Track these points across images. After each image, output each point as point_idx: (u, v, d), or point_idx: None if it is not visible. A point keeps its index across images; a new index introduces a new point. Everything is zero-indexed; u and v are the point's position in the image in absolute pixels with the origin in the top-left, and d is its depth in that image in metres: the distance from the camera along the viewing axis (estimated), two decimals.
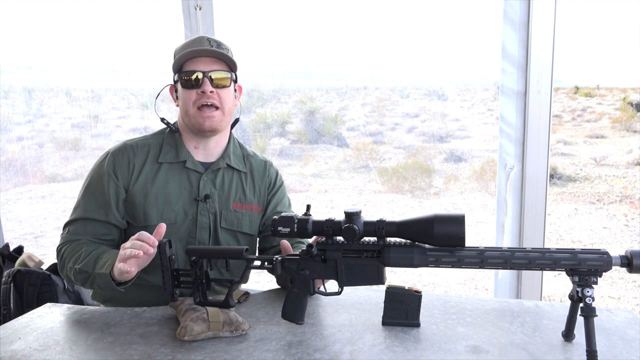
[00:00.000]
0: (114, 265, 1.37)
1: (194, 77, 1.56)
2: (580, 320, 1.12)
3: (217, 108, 1.58)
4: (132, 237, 1.35)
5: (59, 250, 1.58)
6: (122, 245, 1.36)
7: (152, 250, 1.32)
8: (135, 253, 1.30)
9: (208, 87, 1.56)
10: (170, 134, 1.68)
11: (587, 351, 1.08)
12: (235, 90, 1.67)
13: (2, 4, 3.24)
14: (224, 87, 1.59)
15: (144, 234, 1.34)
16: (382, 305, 1.36)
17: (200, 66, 1.57)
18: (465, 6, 3.07)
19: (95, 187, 1.61)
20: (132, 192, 1.59)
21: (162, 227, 1.37)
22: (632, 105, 8.92)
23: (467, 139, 5.26)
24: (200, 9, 2.37)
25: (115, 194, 1.58)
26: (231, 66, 1.62)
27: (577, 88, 10.93)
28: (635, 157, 7.12)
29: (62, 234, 1.61)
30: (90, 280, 1.46)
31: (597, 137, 8.46)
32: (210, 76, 1.56)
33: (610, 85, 10.61)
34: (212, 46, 1.58)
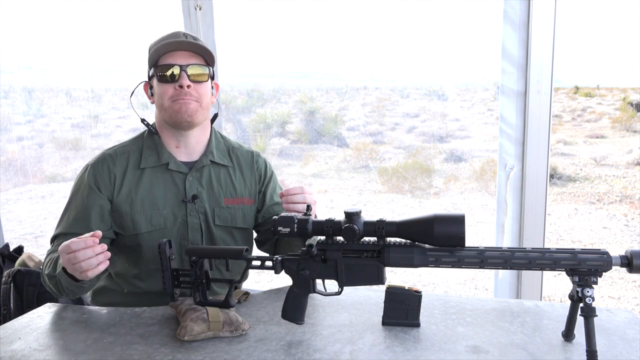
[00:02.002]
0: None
1: (170, 71, 1.52)
2: (580, 320, 1.12)
3: (193, 100, 1.54)
4: (69, 247, 1.25)
5: (42, 263, 1.54)
6: (67, 256, 1.26)
7: (108, 255, 1.27)
8: (99, 267, 1.25)
9: (185, 81, 1.51)
10: (150, 137, 1.63)
11: (587, 351, 1.08)
12: (212, 87, 1.64)
13: (2, 4, 3.24)
14: (201, 81, 1.55)
15: (76, 242, 1.25)
16: (382, 305, 1.36)
17: (177, 60, 1.52)
18: (465, 6, 3.07)
19: (77, 201, 1.57)
20: (117, 202, 1.56)
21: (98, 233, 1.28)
22: (632, 105, 8.92)
23: (467, 139, 5.25)
24: (200, 9, 2.37)
25: (99, 207, 1.55)
26: (208, 60, 1.58)
27: (577, 88, 10.92)
28: (635, 157, 7.12)
29: (49, 249, 1.58)
30: (60, 285, 1.41)
31: (597, 137, 8.46)
32: (187, 70, 1.52)
33: (610, 85, 10.60)
34: (187, 40, 1.54)
